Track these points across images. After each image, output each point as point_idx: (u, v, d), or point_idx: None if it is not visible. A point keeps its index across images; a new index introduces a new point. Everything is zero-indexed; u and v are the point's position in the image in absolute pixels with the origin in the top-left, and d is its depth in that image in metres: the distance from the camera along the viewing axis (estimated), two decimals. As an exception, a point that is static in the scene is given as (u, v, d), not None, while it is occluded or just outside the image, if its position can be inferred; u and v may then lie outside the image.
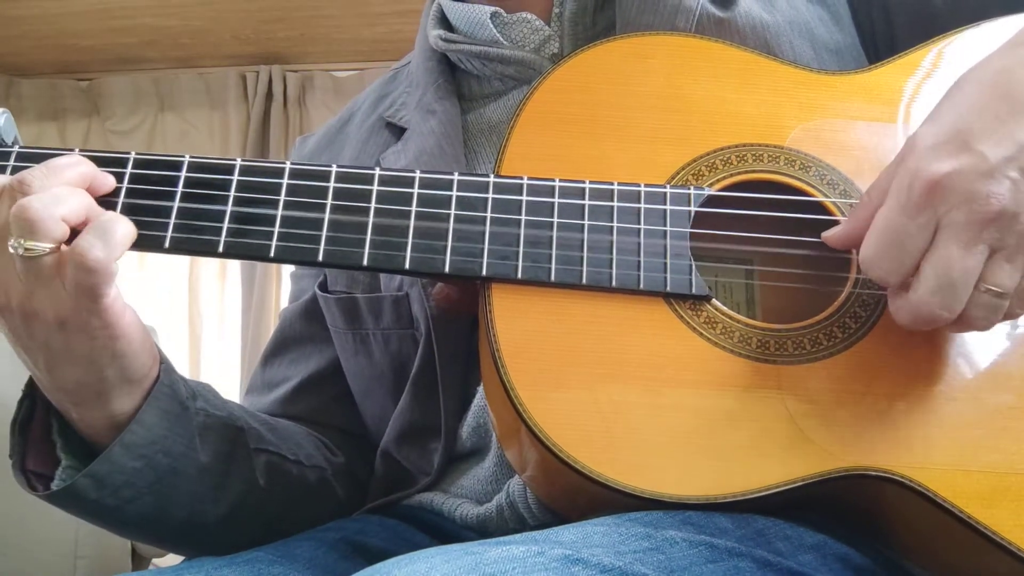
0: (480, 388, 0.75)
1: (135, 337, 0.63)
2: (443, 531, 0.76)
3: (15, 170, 0.62)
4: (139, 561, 1.58)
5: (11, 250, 0.57)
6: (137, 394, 0.65)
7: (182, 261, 3.04)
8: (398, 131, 0.85)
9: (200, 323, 3.12)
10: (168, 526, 0.70)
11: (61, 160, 0.60)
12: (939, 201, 0.54)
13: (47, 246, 0.57)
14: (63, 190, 0.59)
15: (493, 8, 0.81)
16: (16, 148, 0.64)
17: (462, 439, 0.77)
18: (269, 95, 3.16)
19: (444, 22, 0.86)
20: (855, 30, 0.81)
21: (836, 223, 0.63)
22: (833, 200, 0.65)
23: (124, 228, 0.59)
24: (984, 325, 0.57)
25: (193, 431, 0.68)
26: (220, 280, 3.14)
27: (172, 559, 1.69)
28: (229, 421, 0.73)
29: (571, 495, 0.63)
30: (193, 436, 0.68)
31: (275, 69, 3.15)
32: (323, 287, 0.86)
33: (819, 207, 0.65)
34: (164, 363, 0.67)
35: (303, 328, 0.90)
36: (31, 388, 0.66)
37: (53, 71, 3.24)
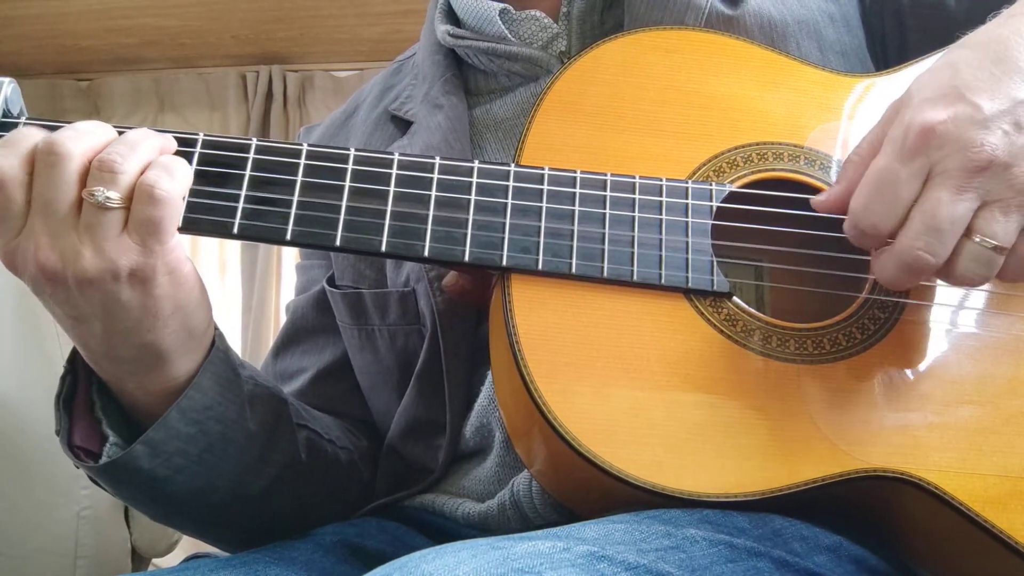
0: (484, 388, 0.75)
1: (196, 286, 0.62)
2: (444, 531, 0.76)
3: None
4: (139, 561, 1.57)
5: (89, 199, 0.56)
6: (197, 354, 0.64)
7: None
8: (404, 124, 0.84)
9: (200, 323, 3.11)
10: (211, 501, 0.70)
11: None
12: (933, 148, 0.55)
13: (119, 195, 0.57)
14: (138, 134, 0.60)
15: (502, 5, 0.80)
16: (22, 120, 0.62)
17: (466, 438, 0.76)
18: (269, 95, 3.16)
19: (451, 16, 0.86)
20: (863, 32, 0.80)
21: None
22: None
23: (184, 165, 0.60)
24: (976, 279, 0.56)
25: (244, 399, 0.68)
26: (220, 280, 3.13)
27: (172, 559, 1.68)
28: (275, 392, 0.74)
29: (584, 490, 0.62)
30: (244, 404, 0.68)
31: (275, 69, 3.15)
32: (331, 282, 0.86)
33: None
34: (217, 328, 0.67)
35: (316, 319, 0.89)
36: (72, 365, 0.66)
37: (53, 71, 3.24)
